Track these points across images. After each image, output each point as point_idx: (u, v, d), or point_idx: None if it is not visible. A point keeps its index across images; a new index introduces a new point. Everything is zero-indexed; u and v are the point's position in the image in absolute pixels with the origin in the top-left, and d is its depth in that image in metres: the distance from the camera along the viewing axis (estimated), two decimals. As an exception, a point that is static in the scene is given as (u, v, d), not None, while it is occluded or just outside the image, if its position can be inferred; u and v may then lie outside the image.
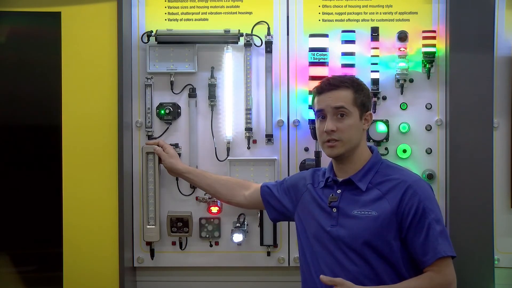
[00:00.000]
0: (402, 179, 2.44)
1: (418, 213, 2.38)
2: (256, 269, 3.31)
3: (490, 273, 3.10)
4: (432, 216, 2.38)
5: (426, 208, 2.38)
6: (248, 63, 3.22)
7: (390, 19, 3.24)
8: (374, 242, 2.40)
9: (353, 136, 2.49)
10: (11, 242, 3.24)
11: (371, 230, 2.40)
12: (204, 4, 3.27)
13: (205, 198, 3.23)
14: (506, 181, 3.23)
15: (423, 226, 2.37)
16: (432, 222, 2.37)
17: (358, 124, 2.51)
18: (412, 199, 2.39)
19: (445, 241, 2.37)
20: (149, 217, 3.22)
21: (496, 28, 3.18)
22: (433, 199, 2.44)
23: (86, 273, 3.16)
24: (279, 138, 3.26)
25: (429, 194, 2.44)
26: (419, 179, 2.49)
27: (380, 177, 2.48)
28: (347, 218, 2.45)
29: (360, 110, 2.51)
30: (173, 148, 3.13)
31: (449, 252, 2.37)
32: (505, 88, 3.23)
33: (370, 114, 2.55)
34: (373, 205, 2.43)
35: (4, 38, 3.22)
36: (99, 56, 3.14)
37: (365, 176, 2.49)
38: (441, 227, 2.39)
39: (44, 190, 3.22)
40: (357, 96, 2.50)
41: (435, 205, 2.43)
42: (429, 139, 3.23)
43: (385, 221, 2.40)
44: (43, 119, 3.23)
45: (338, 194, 2.51)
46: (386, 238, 2.40)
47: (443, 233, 2.38)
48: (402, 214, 2.39)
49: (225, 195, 2.97)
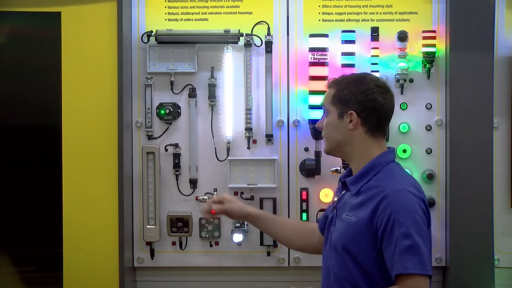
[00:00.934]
0: (383, 188, 2.29)
1: (388, 225, 2.22)
2: (256, 269, 3.31)
3: (490, 273, 3.10)
4: (401, 230, 2.19)
5: (396, 221, 2.21)
6: (248, 63, 3.22)
7: (390, 19, 3.24)
8: (351, 248, 2.32)
9: (331, 134, 2.40)
10: (11, 242, 3.24)
11: (348, 235, 2.31)
12: (204, 4, 3.27)
13: (205, 198, 3.23)
14: (506, 181, 3.23)
15: (392, 239, 2.21)
16: (399, 236, 2.19)
17: (335, 122, 2.37)
18: (385, 210, 2.24)
19: (413, 258, 2.17)
20: (149, 217, 3.22)
21: (496, 28, 3.18)
22: (409, 212, 2.23)
23: (86, 273, 3.16)
24: (279, 138, 3.26)
25: (405, 205, 2.24)
26: (401, 190, 2.27)
27: (374, 182, 2.35)
28: (338, 220, 2.42)
29: (338, 108, 2.37)
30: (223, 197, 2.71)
31: (412, 270, 2.16)
32: (505, 88, 3.23)
33: (351, 114, 2.34)
34: (355, 211, 2.33)
35: (4, 38, 3.22)
36: (99, 56, 3.14)
37: (358, 180, 2.38)
38: (410, 242, 2.18)
39: (44, 190, 3.22)
40: (336, 93, 2.38)
41: (410, 218, 2.21)
42: (429, 139, 3.23)
43: (362, 229, 2.29)
44: (43, 119, 3.24)
45: (340, 195, 2.49)
46: (362, 246, 2.29)
47: (412, 249, 2.18)
48: (376, 225, 2.26)
49: (301, 245, 2.73)
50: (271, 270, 3.30)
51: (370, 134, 2.37)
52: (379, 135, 2.39)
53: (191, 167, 3.26)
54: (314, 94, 3.16)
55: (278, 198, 3.25)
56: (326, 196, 3.25)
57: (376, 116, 2.35)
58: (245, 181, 3.24)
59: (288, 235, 2.67)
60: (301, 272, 3.29)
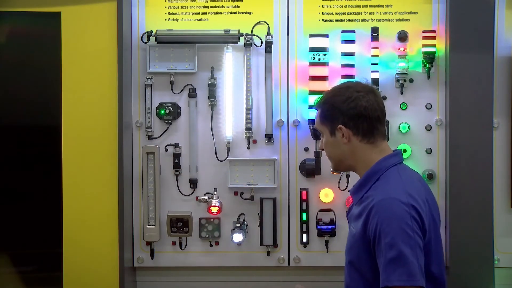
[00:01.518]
0: (373, 197, 2.24)
1: (376, 236, 2.18)
2: (256, 269, 3.31)
3: (490, 273, 3.10)
4: (386, 241, 2.14)
5: (381, 231, 2.16)
6: (248, 63, 3.22)
7: (390, 19, 3.24)
8: (354, 259, 2.29)
9: (332, 152, 2.38)
10: (11, 242, 3.24)
11: (350, 248, 2.31)
12: (204, 4, 3.27)
13: (205, 198, 3.23)
14: (506, 181, 3.23)
15: (380, 250, 2.17)
16: (385, 247, 2.14)
17: (330, 141, 2.36)
18: (372, 220, 2.20)
19: (397, 269, 2.12)
20: (149, 217, 3.22)
21: (496, 28, 3.18)
22: (393, 221, 2.16)
23: (86, 273, 3.16)
24: (279, 138, 3.26)
25: (390, 215, 2.18)
26: (388, 198, 2.21)
27: (371, 191, 2.30)
28: (349, 230, 2.42)
29: (327, 126, 2.35)
30: None
31: (396, 282, 2.11)
32: (505, 88, 3.23)
33: (340, 128, 2.30)
34: (355, 222, 2.31)
35: (4, 38, 3.22)
36: (99, 56, 3.14)
37: (360, 189, 2.35)
38: (394, 253, 2.12)
39: (44, 190, 3.22)
40: (321, 113, 2.37)
41: (394, 228, 2.15)
42: (429, 139, 3.23)
43: (359, 240, 2.26)
44: (43, 119, 3.24)
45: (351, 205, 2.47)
46: (362, 257, 2.27)
47: (396, 260, 2.12)
48: (368, 236, 2.23)
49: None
50: (271, 270, 3.30)
51: (367, 141, 2.32)
52: (377, 138, 2.33)
53: (191, 167, 3.26)
54: (314, 94, 3.16)
55: (278, 198, 3.25)
56: (326, 196, 3.25)
57: (365, 121, 2.30)
58: (245, 181, 3.24)
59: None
60: (301, 272, 3.30)
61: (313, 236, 3.26)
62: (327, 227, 3.24)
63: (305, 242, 3.26)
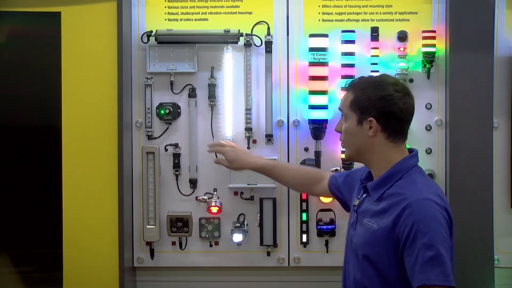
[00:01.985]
0: (405, 196, 2.26)
1: (411, 235, 2.19)
2: (256, 269, 3.31)
3: (490, 273, 3.10)
4: (424, 241, 2.17)
5: (418, 231, 2.18)
6: (248, 63, 3.22)
7: (390, 19, 3.24)
8: (372, 256, 2.29)
9: (351, 141, 2.37)
10: (11, 242, 3.24)
11: (368, 243, 2.30)
12: (204, 4, 3.27)
13: (205, 198, 3.23)
14: (506, 181, 3.23)
15: (414, 249, 2.18)
16: (422, 247, 2.17)
17: (354, 129, 2.34)
18: (406, 219, 2.22)
19: (435, 269, 2.15)
20: (149, 217, 3.22)
21: (496, 28, 3.18)
22: (431, 222, 2.20)
23: (86, 273, 3.16)
24: (279, 138, 3.26)
25: (428, 215, 2.21)
26: (424, 199, 2.24)
27: (395, 189, 2.31)
28: (360, 224, 2.39)
29: (357, 114, 2.33)
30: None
31: (435, 281, 2.14)
32: (505, 88, 3.23)
33: (370, 120, 2.30)
34: (377, 218, 2.31)
35: (4, 38, 3.22)
36: (99, 56, 3.14)
37: (380, 186, 2.35)
38: (433, 252, 2.16)
39: (44, 190, 3.22)
40: (355, 99, 2.34)
41: (432, 229, 2.19)
42: (429, 139, 3.23)
43: (382, 237, 2.27)
44: (43, 119, 3.24)
45: (361, 198, 2.46)
46: (383, 253, 2.28)
47: (434, 260, 2.16)
48: (398, 234, 2.24)
49: (302, 189, 3.03)
50: (271, 270, 3.30)
51: (391, 140, 2.33)
52: (400, 139, 2.35)
53: (191, 167, 3.26)
54: (314, 94, 3.17)
55: (278, 198, 3.25)
56: (326, 196, 3.25)
57: (397, 121, 2.31)
58: (245, 181, 3.24)
59: (291, 183, 2.92)
60: (301, 272, 3.30)
61: (313, 236, 3.26)
62: (327, 227, 3.24)
63: (305, 242, 3.26)
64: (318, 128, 3.17)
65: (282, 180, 2.92)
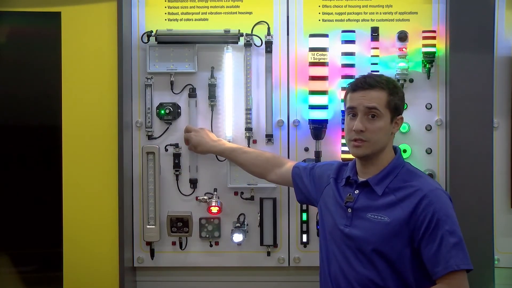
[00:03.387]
0: (419, 187, 2.38)
1: (432, 224, 2.32)
2: (256, 269, 3.31)
3: (490, 273, 3.10)
4: (446, 228, 2.31)
5: (440, 219, 2.32)
6: (248, 63, 3.22)
7: (390, 19, 3.24)
8: (383, 248, 2.36)
9: (381, 139, 2.45)
10: (11, 242, 3.24)
11: (381, 236, 2.37)
12: (204, 4, 3.27)
13: (205, 198, 3.23)
14: (506, 181, 3.23)
15: (435, 237, 2.31)
16: (445, 233, 2.31)
17: (388, 127, 2.45)
18: (426, 209, 2.34)
19: (460, 254, 2.31)
20: (149, 217, 3.22)
21: (496, 28, 3.18)
22: (449, 210, 2.36)
23: (86, 273, 3.16)
24: (279, 138, 3.26)
25: (445, 204, 2.37)
26: (436, 189, 2.41)
27: (398, 183, 2.43)
28: (360, 220, 2.43)
29: (392, 113, 2.46)
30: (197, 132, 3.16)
31: (462, 266, 2.31)
32: (505, 88, 3.23)
33: (401, 118, 2.50)
34: (387, 211, 2.39)
35: (4, 38, 3.22)
36: (99, 56, 3.14)
37: (383, 180, 2.45)
38: (456, 239, 2.32)
39: (44, 190, 3.22)
40: (391, 99, 2.45)
41: (451, 216, 2.35)
42: (429, 139, 3.23)
43: (396, 228, 2.36)
44: (43, 119, 3.23)
45: (355, 195, 2.48)
46: (396, 245, 2.36)
47: (458, 245, 2.32)
48: (415, 224, 2.34)
49: (258, 173, 3.03)
50: (271, 270, 3.30)
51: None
52: None
53: (191, 167, 3.26)
54: (314, 94, 3.16)
55: (278, 198, 3.25)
56: (326, 196, 3.24)
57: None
58: (245, 181, 3.24)
59: (250, 166, 3.02)
60: (301, 272, 3.30)
61: (313, 236, 3.25)
62: (327, 227, 3.24)
63: (305, 242, 3.26)
64: (318, 128, 3.17)
65: (240, 163, 3.04)
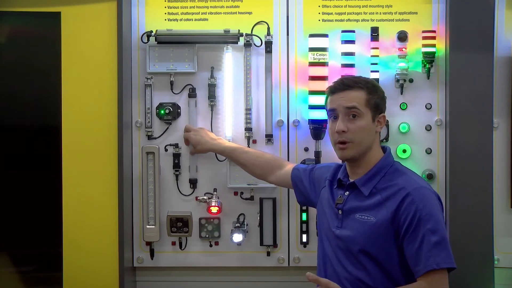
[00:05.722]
0: (402, 186, 2.38)
1: (413, 222, 2.30)
2: (256, 269, 3.31)
3: (490, 273, 3.10)
4: (428, 227, 2.29)
5: (422, 217, 2.30)
6: (248, 63, 3.22)
7: (390, 19, 3.24)
8: (370, 248, 2.36)
9: (364, 138, 2.45)
10: (11, 242, 3.24)
11: (367, 236, 2.37)
12: (204, 4, 3.27)
13: (204, 198, 3.23)
14: (506, 181, 3.23)
15: (417, 236, 2.29)
16: (427, 232, 2.28)
17: (370, 126, 2.46)
18: (408, 207, 2.32)
19: (441, 253, 2.28)
20: (149, 217, 3.22)
21: (496, 28, 3.18)
22: (433, 209, 2.34)
23: (86, 273, 3.16)
24: (279, 138, 3.26)
25: (428, 203, 2.34)
26: (421, 187, 2.39)
27: (384, 182, 2.43)
28: (349, 221, 2.44)
29: (372, 111, 2.47)
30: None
31: (443, 264, 2.28)
32: (505, 88, 3.23)
33: (383, 116, 2.51)
34: (373, 211, 2.39)
35: (4, 38, 3.22)
36: (99, 56, 3.14)
37: (369, 181, 2.45)
38: (438, 237, 2.29)
39: (44, 190, 3.22)
40: (370, 97, 2.46)
41: (434, 215, 2.32)
42: (429, 139, 3.23)
43: (381, 228, 2.36)
44: (43, 119, 3.23)
45: (345, 196, 2.49)
46: (383, 245, 2.36)
47: (440, 244, 2.28)
48: (398, 223, 2.33)
49: (259, 174, 3.05)
50: (271, 270, 3.30)
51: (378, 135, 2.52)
52: None
53: (191, 167, 3.26)
54: (314, 94, 3.16)
55: (278, 198, 3.25)
56: (326, 196, 3.25)
57: None
58: (245, 181, 3.24)
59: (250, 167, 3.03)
60: (301, 272, 3.28)
61: (313, 236, 3.25)
62: (327, 227, 3.24)
63: (305, 242, 3.26)
64: (318, 128, 3.17)
65: (240, 163, 3.05)
